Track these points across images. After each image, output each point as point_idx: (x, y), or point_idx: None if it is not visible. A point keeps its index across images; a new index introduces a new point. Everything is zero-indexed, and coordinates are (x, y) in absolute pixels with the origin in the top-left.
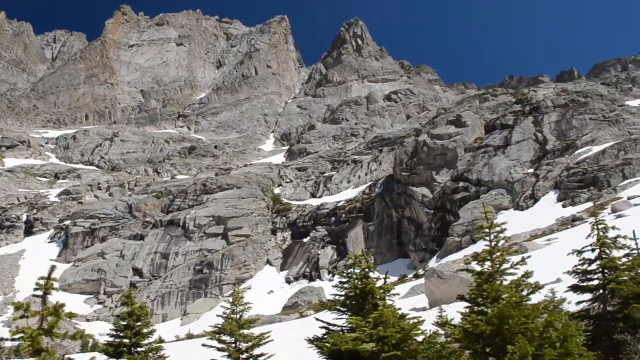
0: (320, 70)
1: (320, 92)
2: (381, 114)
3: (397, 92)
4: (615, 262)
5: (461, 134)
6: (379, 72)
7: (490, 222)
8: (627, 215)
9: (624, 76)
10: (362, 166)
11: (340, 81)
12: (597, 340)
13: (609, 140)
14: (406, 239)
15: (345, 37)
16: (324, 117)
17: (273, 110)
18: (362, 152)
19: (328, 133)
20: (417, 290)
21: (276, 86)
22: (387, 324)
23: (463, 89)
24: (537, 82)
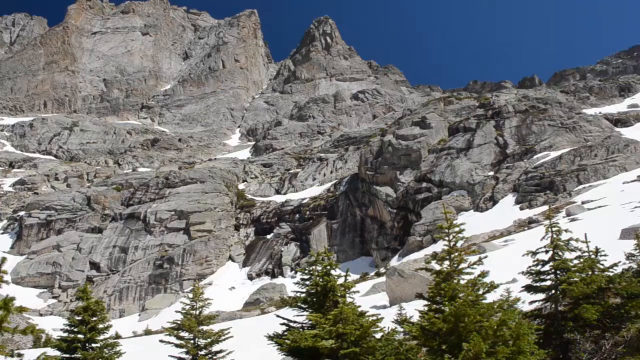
0: (289, 66)
1: (288, 89)
2: (348, 112)
3: (365, 91)
4: (567, 264)
5: (426, 135)
6: (347, 71)
7: (450, 222)
8: (581, 219)
9: (582, 85)
10: (328, 164)
11: (309, 78)
12: (548, 338)
13: (565, 146)
14: (369, 237)
15: (315, 35)
16: (291, 114)
17: (240, 105)
18: (328, 150)
19: (295, 130)
20: (378, 289)
21: (243, 81)
22: (346, 321)
23: (429, 91)
24: (500, 87)
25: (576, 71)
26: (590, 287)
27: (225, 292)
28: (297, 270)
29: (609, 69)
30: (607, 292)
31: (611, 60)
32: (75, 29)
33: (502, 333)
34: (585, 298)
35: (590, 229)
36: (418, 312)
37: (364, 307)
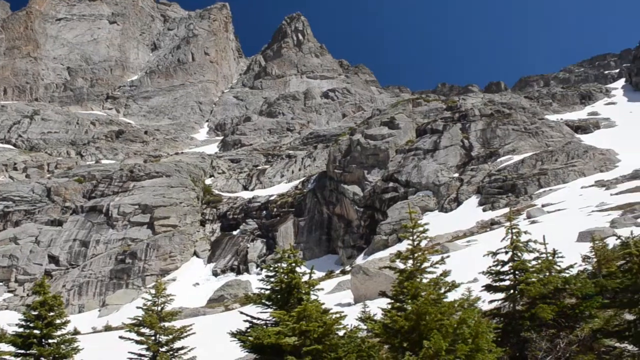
0: (260, 62)
1: (259, 84)
2: (318, 110)
3: (335, 90)
4: (526, 265)
5: (394, 135)
6: (318, 68)
7: (414, 222)
8: (540, 222)
9: (545, 92)
10: (297, 161)
11: (279, 75)
12: (506, 337)
13: (528, 150)
14: (335, 235)
15: (287, 31)
16: (260, 110)
17: (209, 99)
18: (297, 148)
19: (264, 126)
20: (343, 286)
21: (213, 74)
22: (310, 318)
23: (398, 92)
24: (467, 91)
25: (540, 78)
26: (547, 287)
27: (189, 288)
28: (262, 267)
29: (571, 77)
30: (563, 292)
31: (574, 68)
32: (39, 15)
33: (461, 331)
34: (542, 298)
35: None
36: (381, 310)
37: (329, 304)
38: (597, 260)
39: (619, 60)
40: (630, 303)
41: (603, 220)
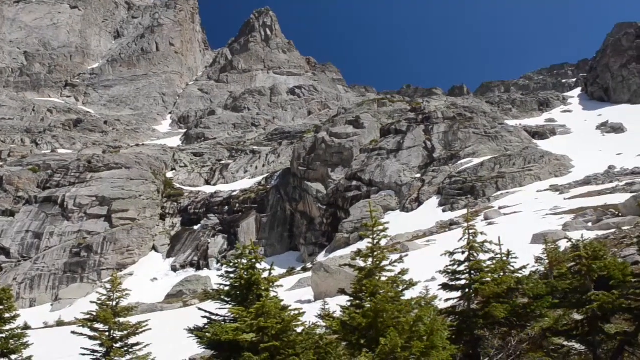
0: (226, 55)
1: (224, 78)
2: (284, 107)
3: (302, 87)
4: (481, 265)
5: (358, 135)
6: (285, 65)
7: (374, 221)
8: (497, 223)
9: (506, 97)
10: (261, 157)
11: (246, 69)
12: (460, 334)
13: (487, 154)
14: (298, 232)
15: (255, 26)
16: (225, 104)
17: (172, 90)
18: (262, 143)
19: (229, 120)
20: (304, 283)
21: (178, 66)
22: (268, 315)
23: (364, 91)
24: (431, 93)
25: (501, 84)
26: (501, 287)
27: (146, 283)
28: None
29: (530, 84)
30: (516, 292)
31: (533, 76)
32: None
33: (417, 329)
34: (496, 297)
35: (505, 233)
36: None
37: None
38: (549, 262)
39: (576, 70)
40: (579, 303)
41: (556, 224)
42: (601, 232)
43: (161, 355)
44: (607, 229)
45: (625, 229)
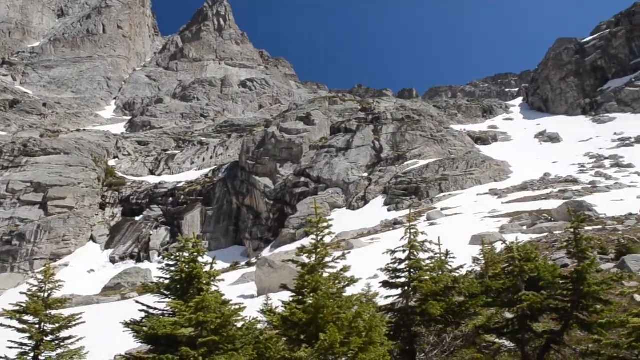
0: (177, 42)
1: (174, 66)
2: (234, 99)
3: (254, 80)
4: (420, 263)
5: (309, 131)
6: (237, 56)
7: (319, 217)
8: (439, 224)
9: (452, 103)
10: (209, 149)
11: (197, 58)
12: (398, 331)
13: (432, 156)
14: (243, 227)
15: (208, 14)
16: (174, 93)
17: (118, 75)
18: (210, 135)
19: (177, 110)
20: (247, 278)
21: (125, 50)
22: (208, 309)
23: (316, 88)
24: (382, 94)
25: (449, 89)
26: (438, 285)
27: (83, 274)
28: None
29: (476, 91)
30: (452, 290)
31: (479, 83)
32: None
33: (356, 325)
34: (433, 295)
35: (445, 233)
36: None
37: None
38: (485, 262)
39: (519, 80)
40: (510, 303)
41: (493, 226)
42: (535, 235)
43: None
44: (540, 232)
45: (557, 233)
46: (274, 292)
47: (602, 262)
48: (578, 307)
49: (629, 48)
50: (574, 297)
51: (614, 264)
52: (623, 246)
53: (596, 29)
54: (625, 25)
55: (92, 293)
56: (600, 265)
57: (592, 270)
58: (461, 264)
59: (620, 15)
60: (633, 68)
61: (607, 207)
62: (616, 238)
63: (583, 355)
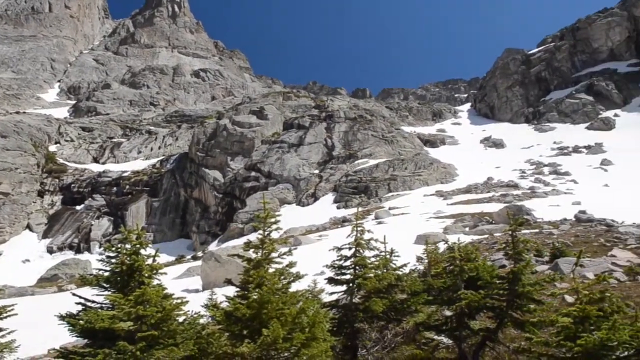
0: (128, 27)
1: (124, 51)
2: (186, 89)
3: (207, 70)
4: (365, 261)
5: (261, 125)
6: (191, 45)
7: (267, 212)
8: (386, 223)
9: (404, 105)
10: (157, 138)
11: (149, 45)
12: (341, 327)
13: (383, 156)
14: (191, 219)
15: (162, 0)
16: (123, 78)
17: (64, 57)
18: (160, 124)
19: (125, 96)
20: (192, 272)
21: (72, 31)
22: (148, 303)
23: (270, 83)
24: (336, 92)
25: (401, 91)
26: (382, 283)
27: (17, 265)
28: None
29: (427, 94)
30: (395, 288)
31: (430, 87)
32: None
33: (300, 320)
34: (377, 292)
35: (391, 232)
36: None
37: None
38: (428, 262)
39: (467, 87)
40: (450, 301)
41: (438, 226)
42: (476, 236)
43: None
44: (481, 234)
45: (497, 235)
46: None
47: (538, 264)
48: (513, 306)
49: (571, 62)
50: (510, 296)
51: (548, 266)
52: (557, 249)
53: (542, 42)
54: (569, 39)
55: (27, 284)
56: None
57: (527, 271)
58: (405, 263)
59: (565, 30)
60: (574, 81)
61: (544, 212)
62: (551, 241)
63: (515, 352)
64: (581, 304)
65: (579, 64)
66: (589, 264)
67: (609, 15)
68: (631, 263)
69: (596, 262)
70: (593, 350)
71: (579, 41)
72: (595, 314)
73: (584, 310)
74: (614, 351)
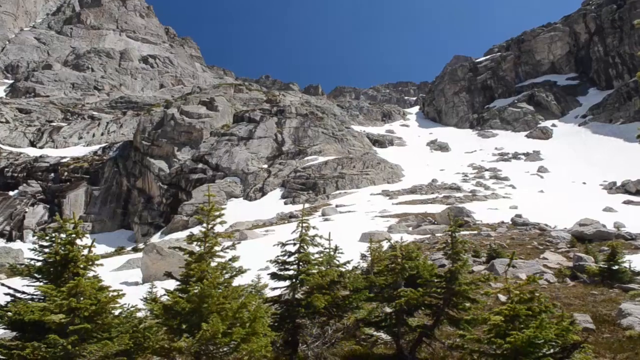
0: (74, 6)
1: (68, 31)
2: (134, 74)
3: (156, 57)
4: (309, 257)
5: (211, 117)
6: (141, 30)
7: (211, 205)
8: (333, 220)
9: (355, 104)
10: (100, 124)
11: (95, 26)
12: (282, 322)
13: (332, 154)
14: (133, 210)
15: None
16: (66, 60)
17: (2, 33)
18: (103, 110)
19: (67, 79)
20: (133, 264)
21: (13, 6)
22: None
23: (222, 74)
24: (288, 88)
25: (353, 90)
26: (325, 279)
27: None
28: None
29: (378, 95)
30: (338, 284)
31: (381, 88)
32: None
33: (241, 315)
34: (319, 288)
35: (337, 229)
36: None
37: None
38: (372, 259)
39: (417, 90)
40: (390, 298)
41: (383, 225)
42: (419, 236)
43: None
44: (424, 234)
45: (438, 236)
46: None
47: (475, 264)
48: (449, 304)
49: (515, 72)
50: (447, 294)
51: (484, 267)
52: (494, 250)
53: (489, 51)
54: (514, 50)
55: None
56: (473, 267)
57: (463, 270)
58: (349, 260)
59: (511, 41)
60: (517, 90)
61: (483, 215)
62: (489, 243)
63: (450, 348)
64: (512, 303)
65: (522, 74)
66: (522, 266)
67: (552, 29)
68: (561, 266)
69: (529, 264)
70: (521, 347)
71: (523, 53)
72: (525, 313)
73: (514, 309)
74: (541, 348)
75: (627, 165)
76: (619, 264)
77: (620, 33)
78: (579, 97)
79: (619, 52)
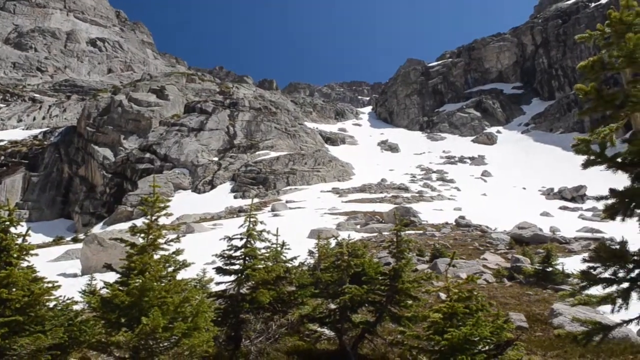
0: None
1: (11, 7)
2: (80, 57)
3: (105, 40)
4: (256, 252)
5: (161, 106)
6: (90, 11)
7: (156, 196)
8: (282, 216)
9: (309, 101)
10: (42, 108)
11: (40, 4)
12: (226, 317)
13: (284, 150)
14: (74, 198)
15: None
16: (7, 38)
17: None
18: (46, 93)
19: (8, 57)
20: (72, 255)
21: None
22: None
23: (174, 62)
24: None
25: (307, 87)
26: (270, 274)
27: None
28: None
29: (332, 93)
30: (284, 280)
31: (335, 86)
32: None
33: (183, 309)
34: (265, 284)
35: (286, 225)
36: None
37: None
38: (319, 256)
39: (370, 90)
40: (335, 294)
41: (332, 222)
42: (366, 234)
43: None
44: (371, 232)
45: (385, 234)
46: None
47: (419, 263)
48: (392, 302)
49: (465, 78)
50: (390, 292)
51: (428, 265)
52: (437, 250)
53: (441, 56)
54: (465, 57)
55: None
56: (417, 265)
57: (407, 269)
58: (296, 256)
59: (462, 48)
60: (466, 96)
61: (429, 215)
62: (433, 243)
63: (391, 344)
64: (451, 302)
65: (471, 81)
66: (463, 265)
67: (501, 40)
68: (499, 266)
69: (470, 264)
70: (458, 344)
71: (473, 60)
72: (462, 311)
73: (453, 307)
74: (476, 345)
75: (564, 173)
76: (553, 266)
77: (564, 47)
78: (523, 105)
79: (562, 65)
